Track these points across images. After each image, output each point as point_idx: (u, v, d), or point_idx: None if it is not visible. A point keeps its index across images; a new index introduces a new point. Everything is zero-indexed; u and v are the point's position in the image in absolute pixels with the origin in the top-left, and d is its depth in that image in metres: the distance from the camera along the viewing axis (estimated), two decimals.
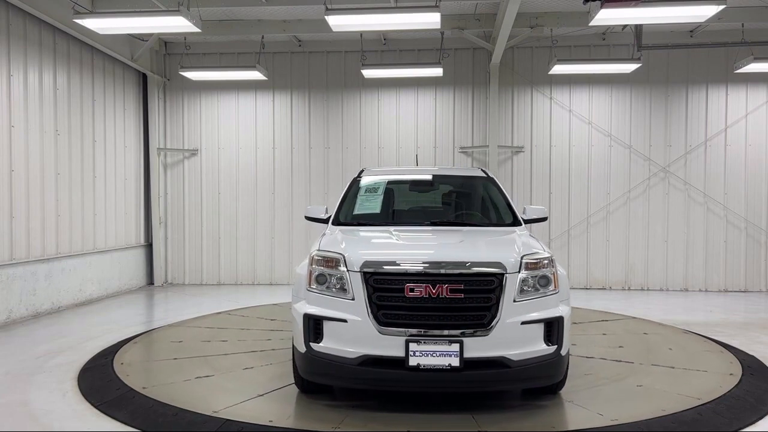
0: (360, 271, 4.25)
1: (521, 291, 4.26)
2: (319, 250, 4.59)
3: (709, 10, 7.20)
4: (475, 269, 4.23)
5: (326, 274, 4.39)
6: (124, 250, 10.67)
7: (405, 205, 6.33)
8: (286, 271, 11.46)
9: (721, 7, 7.06)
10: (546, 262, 4.41)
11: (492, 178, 6.24)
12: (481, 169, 6.60)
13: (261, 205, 11.52)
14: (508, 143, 11.13)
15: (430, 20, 7.61)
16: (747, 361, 5.94)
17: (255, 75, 10.44)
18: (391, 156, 11.30)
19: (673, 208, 11.00)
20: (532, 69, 11.08)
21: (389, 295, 4.19)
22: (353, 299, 4.24)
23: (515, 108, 11.19)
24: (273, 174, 11.50)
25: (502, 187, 6.12)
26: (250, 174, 11.53)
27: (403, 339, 4.10)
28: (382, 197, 5.94)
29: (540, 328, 4.24)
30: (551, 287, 4.37)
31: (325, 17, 7.50)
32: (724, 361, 6.04)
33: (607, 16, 7.20)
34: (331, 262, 4.40)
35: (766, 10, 9.37)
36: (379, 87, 11.28)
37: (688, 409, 4.54)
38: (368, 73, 10.30)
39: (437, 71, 10.02)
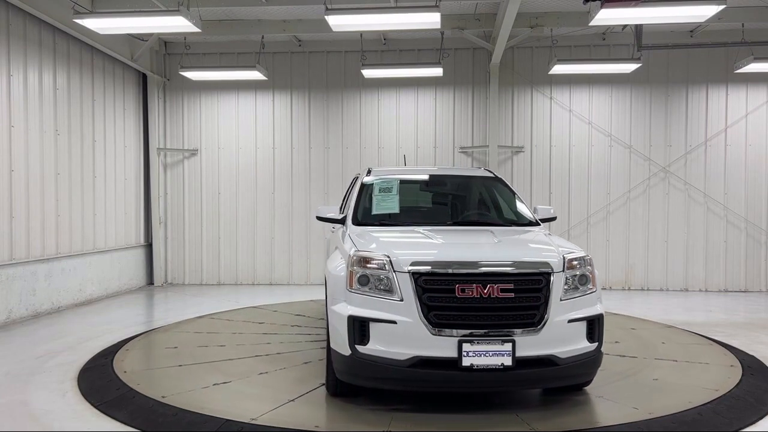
0: (408, 272, 4.19)
1: (565, 290, 4.33)
2: (359, 250, 4.46)
3: (709, 10, 7.20)
4: (525, 269, 4.28)
5: (369, 275, 4.28)
6: (124, 250, 10.67)
7: (421, 204, 6.28)
8: (285, 271, 11.46)
9: (721, 7, 7.06)
10: (585, 261, 4.51)
11: (501, 179, 6.31)
12: (488, 170, 6.63)
13: (261, 205, 11.52)
14: (508, 143, 11.12)
15: (430, 20, 7.60)
16: (747, 361, 5.94)
17: (255, 75, 10.44)
18: (391, 156, 11.29)
19: (673, 208, 11.00)
20: (532, 69, 11.08)
21: (440, 295, 4.15)
22: (401, 300, 4.17)
23: (515, 108, 11.19)
24: (273, 174, 11.49)
25: (512, 188, 6.19)
26: (250, 174, 11.53)
27: (455, 339, 4.07)
28: (397, 197, 5.82)
29: (583, 326, 4.34)
30: (590, 286, 4.47)
31: (325, 17, 7.50)
32: (718, 353, 6.25)
33: (607, 16, 7.19)
34: (374, 262, 4.30)
35: (766, 10, 9.37)
36: (379, 87, 11.27)
37: (688, 409, 4.54)
38: (368, 73, 10.30)
39: (437, 71, 10.02)
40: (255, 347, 6.48)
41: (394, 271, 4.22)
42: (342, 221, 5.60)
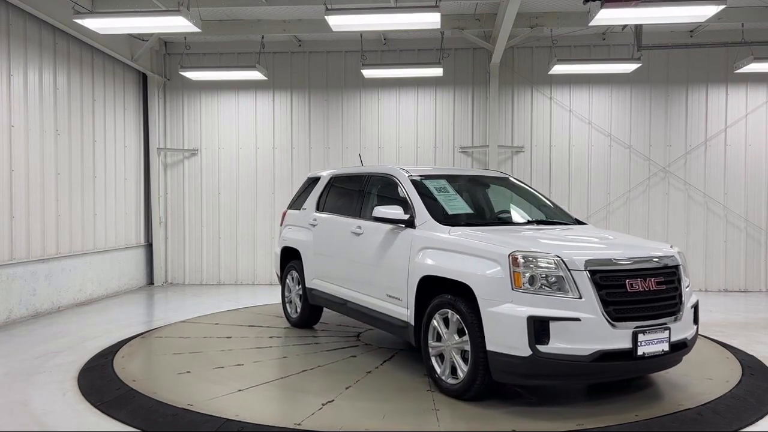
0: (585, 270, 4.36)
1: (684, 280, 4.84)
2: (520, 250, 4.44)
3: (709, 10, 7.20)
4: (669, 263, 4.72)
5: (537, 274, 4.35)
6: (124, 250, 10.67)
7: (479, 205, 6.25)
8: None
9: (721, 7, 7.06)
10: (683, 255, 5.01)
11: (522, 181, 6.66)
12: (503, 172, 6.84)
13: (261, 205, 11.52)
14: (508, 143, 11.12)
15: (430, 20, 7.60)
16: (747, 361, 5.94)
17: (255, 75, 10.44)
18: (390, 156, 11.29)
19: (673, 208, 11.00)
20: (532, 69, 11.08)
21: (615, 291, 4.40)
22: (581, 298, 4.31)
23: (515, 108, 11.19)
24: (273, 174, 11.49)
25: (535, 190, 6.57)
26: (250, 174, 11.52)
27: (630, 331, 4.35)
28: (459, 196, 5.75)
29: (692, 311, 4.90)
30: (686, 276, 4.96)
31: (325, 17, 7.50)
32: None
33: (607, 16, 7.20)
34: (544, 262, 4.39)
35: (766, 10, 9.37)
36: (379, 87, 11.27)
37: (688, 409, 4.55)
38: (368, 73, 10.30)
39: (437, 71, 10.02)
40: (282, 363, 5.90)
41: (569, 270, 4.35)
42: (409, 222, 5.36)
